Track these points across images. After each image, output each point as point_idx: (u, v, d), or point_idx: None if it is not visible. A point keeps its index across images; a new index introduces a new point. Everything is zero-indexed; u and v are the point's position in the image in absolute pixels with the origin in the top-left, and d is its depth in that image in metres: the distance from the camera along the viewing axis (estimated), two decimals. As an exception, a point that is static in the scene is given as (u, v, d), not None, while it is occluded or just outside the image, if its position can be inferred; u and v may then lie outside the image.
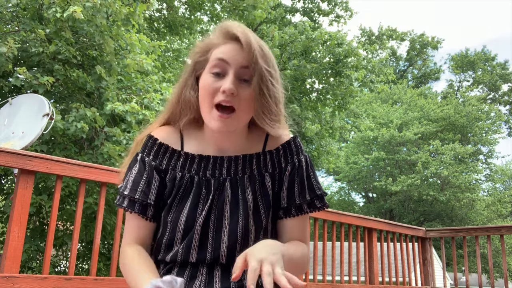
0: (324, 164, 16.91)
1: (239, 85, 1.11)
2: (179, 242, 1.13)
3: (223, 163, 1.18)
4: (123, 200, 1.16)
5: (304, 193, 1.19)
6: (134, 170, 1.18)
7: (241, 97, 1.10)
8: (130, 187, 1.16)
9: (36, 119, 4.41)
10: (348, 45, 12.68)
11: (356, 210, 29.81)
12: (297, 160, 1.21)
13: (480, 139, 28.94)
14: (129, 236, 1.16)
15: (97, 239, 2.78)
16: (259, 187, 1.18)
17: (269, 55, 1.14)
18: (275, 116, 1.14)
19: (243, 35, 1.11)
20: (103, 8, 5.83)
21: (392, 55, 35.45)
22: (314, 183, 1.21)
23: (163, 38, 12.00)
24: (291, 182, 1.19)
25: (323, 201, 1.21)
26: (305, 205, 1.19)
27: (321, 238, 4.14)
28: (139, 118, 5.99)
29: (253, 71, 1.10)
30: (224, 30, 1.16)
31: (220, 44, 1.15)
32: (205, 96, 1.12)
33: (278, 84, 1.15)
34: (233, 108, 1.10)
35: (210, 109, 1.11)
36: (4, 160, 2.38)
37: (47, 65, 6.13)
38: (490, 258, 4.77)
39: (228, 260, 1.12)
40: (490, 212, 27.09)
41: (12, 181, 6.29)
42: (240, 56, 1.11)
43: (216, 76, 1.12)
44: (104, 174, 2.76)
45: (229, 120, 1.10)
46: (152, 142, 1.21)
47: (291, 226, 1.19)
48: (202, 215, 1.12)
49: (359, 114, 20.93)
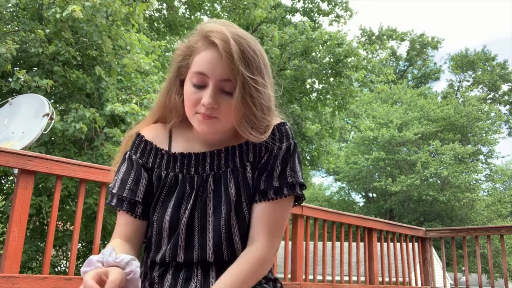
0: (324, 164, 16.90)
1: (219, 97, 1.09)
2: (166, 242, 1.12)
3: (205, 158, 1.17)
4: (112, 198, 1.16)
5: (271, 178, 1.13)
6: (122, 168, 1.19)
7: (222, 109, 1.09)
8: (118, 186, 1.16)
9: (36, 119, 4.41)
10: (348, 45, 12.67)
11: (356, 210, 29.81)
12: (277, 147, 1.15)
13: (480, 139, 28.93)
14: (116, 233, 1.15)
15: (97, 239, 2.78)
16: (242, 178, 1.15)
17: (252, 58, 1.08)
18: (259, 122, 1.11)
19: (222, 43, 1.06)
20: (102, 8, 5.82)
21: (392, 55, 35.45)
22: (288, 170, 1.14)
23: (163, 38, 12.00)
24: (262, 168, 1.15)
25: (292, 189, 1.12)
26: (272, 192, 1.12)
27: (321, 238, 4.14)
28: (139, 119, 5.99)
29: (235, 82, 1.07)
30: (204, 34, 1.11)
31: (201, 50, 1.11)
32: (187, 105, 1.13)
33: (266, 86, 1.11)
34: (216, 117, 1.10)
35: (193, 115, 1.12)
36: (4, 160, 2.38)
37: (47, 66, 6.13)
38: (490, 258, 4.77)
39: (216, 258, 1.10)
40: (490, 212, 27.09)
41: (12, 181, 6.29)
42: (219, 68, 1.07)
43: (197, 88, 1.10)
44: (104, 174, 2.76)
45: (212, 122, 1.10)
46: (139, 140, 1.21)
47: (255, 214, 1.12)
48: (186, 214, 1.11)
49: (359, 114, 20.91)
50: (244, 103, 1.07)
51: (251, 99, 1.08)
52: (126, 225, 1.15)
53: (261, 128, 1.12)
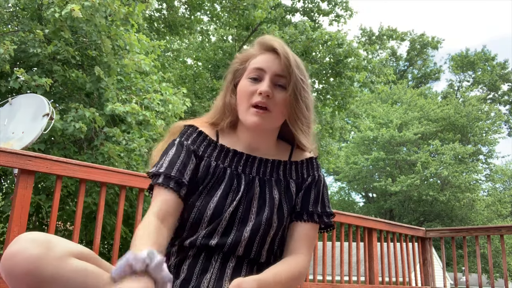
0: (324, 164, 16.91)
1: (274, 89, 1.21)
2: (204, 227, 1.16)
3: (254, 162, 1.27)
4: (157, 177, 1.16)
5: (317, 204, 1.27)
6: (171, 152, 1.22)
7: (276, 100, 1.20)
8: (166, 166, 1.18)
9: (36, 119, 4.41)
10: (349, 46, 12.66)
11: (356, 210, 29.82)
12: (317, 175, 1.31)
13: (480, 139, 28.95)
14: (153, 210, 1.12)
15: (97, 239, 2.78)
16: (284, 190, 1.26)
17: (302, 66, 1.25)
18: (307, 121, 1.24)
19: (280, 46, 1.23)
20: (101, 8, 5.82)
21: (392, 55, 35.45)
22: (326, 201, 1.30)
23: (163, 38, 12.00)
24: (307, 191, 1.28)
25: (330, 219, 1.29)
26: (316, 215, 1.25)
27: (321, 238, 4.14)
28: (139, 119, 5.98)
29: (289, 79, 1.21)
30: (262, 42, 1.28)
31: (258, 55, 1.26)
32: (242, 97, 1.23)
33: (309, 96, 1.26)
34: (269, 110, 1.20)
35: (248, 109, 1.21)
36: (4, 160, 2.38)
37: (46, 66, 6.13)
38: (490, 258, 4.76)
39: (245, 251, 1.16)
40: (490, 212, 27.10)
41: (11, 181, 6.29)
42: (276, 65, 1.22)
43: (253, 80, 1.22)
44: (104, 174, 2.75)
45: (264, 116, 1.19)
46: (192, 130, 1.28)
47: (299, 231, 1.24)
48: (232, 204, 1.18)
49: (359, 114, 20.93)
50: (296, 99, 1.21)
51: (300, 96, 1.22)
52: (167, 202, 1.14)
53: (308, 129, 1.25)
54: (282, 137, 1.34)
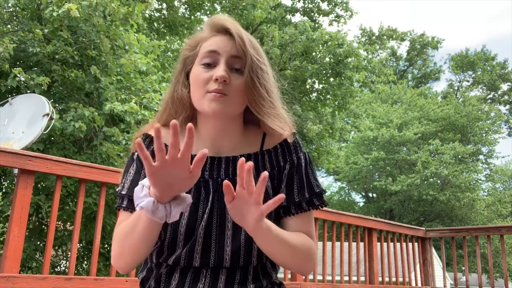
0: (324, 164, 16.91)
1: (230, 74, 1.10)
2: (182, 246, 1.09)
3: (220, 163, 1.15)
4: (122, 200, 1.12)
5: (303, 191, 1.16)
6: (131, 170, 1.15)
7: (233, 85, 1.09)
8: (128, 187, 1.12)
9: (36, 119, 4.41)
10: (349, 46, 12.67)
11: (356, 210, 29.81)
12: (296, 158, 1.18)
13: (480, 139, 28.95)
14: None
15: (97, 239, 2.78)
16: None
17: (258, 46, 1.14)
18: (270, 103, 1.13)
19: (233, 26, 1.12)
20: (99, 7, 5.81)
21: (392, 55, 35.44)
22: (313, 180, 1.18)
23: (163, 38, 11.99)
24: (289, 180, 1.17)
25: (321, 199, 1.18)
26: (304, 203, 1.15)
27: (321, 238, 4.14)
28: (138, 118, 5.98)
29: (245, 60, 1.10)
30: (212, 23, 1.15)
31: (209, 37, 1.14)
32: (196, 86, 1.11)
33: (269, 76, 1.14)
34: (227, 95, 1.09)
35: (204, 95, 1.09)
36: (4, 160, 2.37)
37: (45, 65, 6.13)
38: (490, 258, 4.77)
39: (232, 263, 1.09)
40: (490, 212, 27.10)
41: (11, 181, 6.28)
42: (230, 46, 1.11)
43: (207, 66, 1.11)
44: (104, 174, 2.75)
45: (223, 100, 1.08)
46: (149, 141, 1.17)
47: (292, 224, 1.15)
48: (204, 218, 1.08)
49: (359, 114, 20.94)
50: (253, 82, 1.10)
51: (257, 79, 1.10)
52: None
53: (275, 115, 1.13)
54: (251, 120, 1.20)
